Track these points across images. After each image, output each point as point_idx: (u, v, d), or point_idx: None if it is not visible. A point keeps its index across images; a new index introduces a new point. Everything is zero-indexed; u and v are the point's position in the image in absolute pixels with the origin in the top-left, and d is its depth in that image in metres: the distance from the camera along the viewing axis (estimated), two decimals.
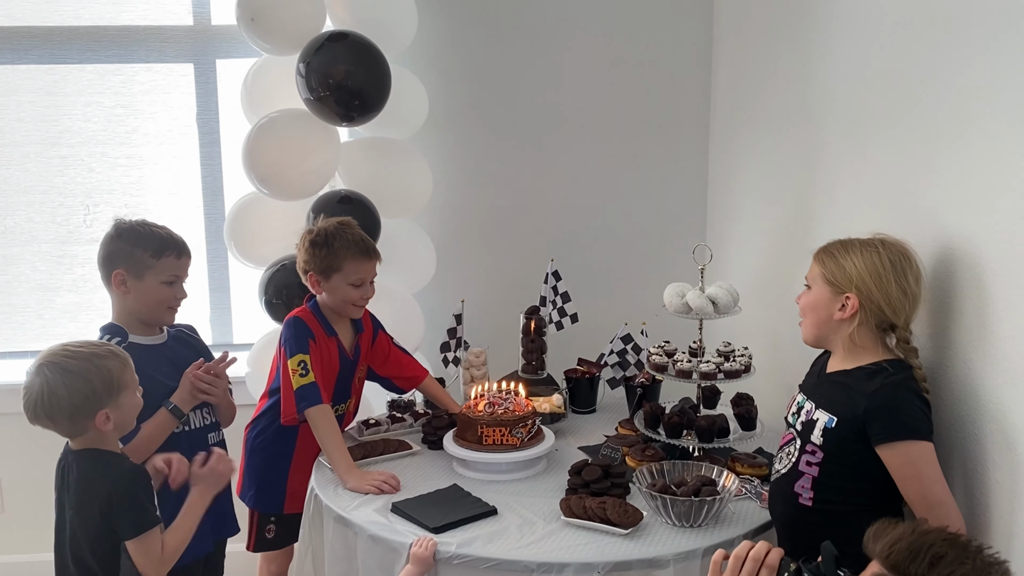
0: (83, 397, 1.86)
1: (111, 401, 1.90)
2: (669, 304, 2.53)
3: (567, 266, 3.16)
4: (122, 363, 1.93)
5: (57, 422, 1.88)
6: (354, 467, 2.43)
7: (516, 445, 2.44)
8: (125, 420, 1.96)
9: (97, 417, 1.88)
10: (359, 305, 2.64)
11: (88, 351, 1.90)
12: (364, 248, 2.58)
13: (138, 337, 2.37)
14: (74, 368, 1.86)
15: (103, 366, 1.88)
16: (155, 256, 2.34)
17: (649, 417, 2.55)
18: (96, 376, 1.87)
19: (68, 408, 1.85)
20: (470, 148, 3.50)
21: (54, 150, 3.45)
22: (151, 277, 2.34)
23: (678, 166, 3.55)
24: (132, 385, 1.95)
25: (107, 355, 1.91)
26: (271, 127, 2.95)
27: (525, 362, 3.05)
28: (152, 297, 2.35)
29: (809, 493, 1.96)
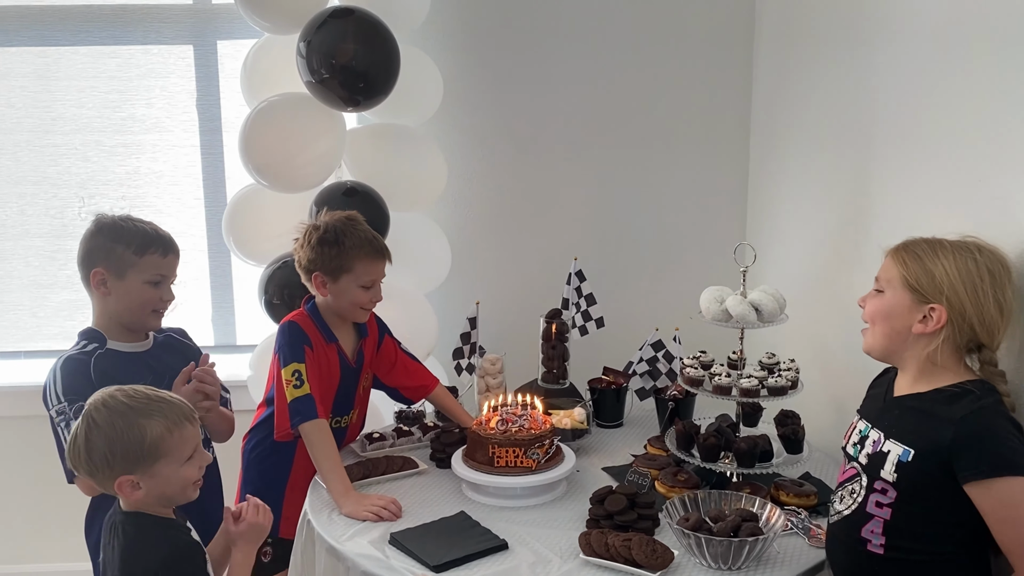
0: (101, 457, 1.60)
1: (140, 468, 1.61)
2: (706, 311, 2.25)
3: (592, 266, 2.90)
4: (170, 426, 1.62)
5: (81, 475, 1.66)
6: (351, 490, 2.19)
7: (531, 468, 2.18)
8: (165, 492, 1.65)
9: (119, 483, 1.61)
10: (367, 309, 2.40)
11: (130, 403, 1.62)
12: (377, 247, 2.36)
13: (119, 343, 2.17)
14: (103, 421, 1.60)
15: (138, 425, 1.59)
16: (138, 253, 2.12)
17: (682, 437, 2.28)
18: (120, 436, 1.59)
19: (86, 464, 1.62)
20: (488, 136, 3.24)
21: (47, 138, 3.26)
22: (133, 276, 2.13)
23: (716, 159, 3.28)
24: (179, 453, 1.63)
25: (153, 412, 1.61)
26: (270, 113, 2.72)
27: (545, 370, 2.80)
28: (135, 299, 2.14)
29: (880, 539, 1.68)
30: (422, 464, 2.41)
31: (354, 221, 2.36)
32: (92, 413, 1.62)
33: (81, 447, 1.61)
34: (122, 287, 2.12)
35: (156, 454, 1.61)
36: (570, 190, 3.28)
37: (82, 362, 2.07)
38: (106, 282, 2.11)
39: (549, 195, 3.28)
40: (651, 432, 2.67)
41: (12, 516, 3.35)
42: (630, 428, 2.73)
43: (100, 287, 2.12)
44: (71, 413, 1.98)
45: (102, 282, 2.11)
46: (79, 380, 2.03)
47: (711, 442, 2.19)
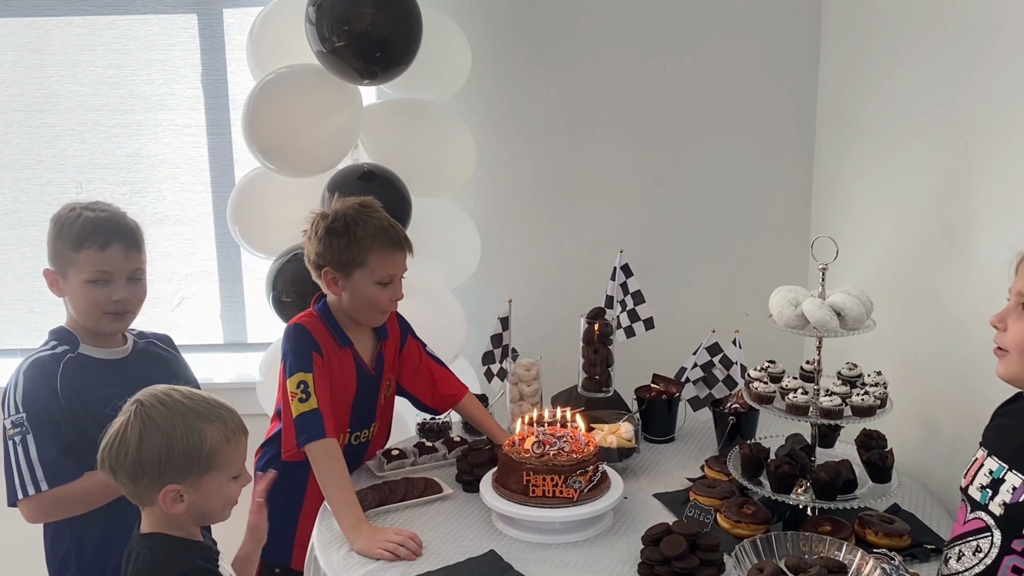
0: (154, 459, 1.42)
1: (190, 478, 1.44)
2: (778, 316, 1.91)
3: (640, 260, 2.57)
4: (227, 435, 1.47)
5: (119, 478, 1.44)
6: (363, 522, 1.90)
7: (572, 499, 1.87)
8: (206, 509, 1.49)
9: (164, 492, 1.43)
10: (386, 310, 2.11)
11: (190, 404, 1.46)
12: (394, 237, 2.06)
13: (92, 348, 1.91)
14: (159, 418, 1.43)
15: (197, 428, 1.44)
16: (74, 249, 1.86)
17: (748, 462, 1.95)
18: (180, 439, 1.43)
19: (132, 466, 1.42)
20: (523, 113, 2.93)
21: (40, 118, 3.02)
22: (74, 276, 1.88)
23: (779, 142, 2.95)
24: (229, 468, 1.49)
25: (213, 418, 1.47)
26: (276, 87, 2.43)
27: (587, 376, 2.49)
28: (79, 301, 1.89)
29: None
30: (446, 488, 2.12)
31: (368, 208, 2.08)
32: (149, 410, 1.43)
33: (132, 446, 1.41)
34: (68, 289, 1.89)
35: (211, 464, 1.46)
36: (616, 175, 2.97)
37: (49, 368, 1.83)
38: (57, 283, 1.90)
39: (592, 180, 2.97)
40: (707, 448, 2.37)
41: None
42: (683, 444, 2.42)
43: (54, 288, 1.91)
44: (27, 427, 1.76)
45: (53, 282, 1.90)
46: (42, 389, 1.80)
47: (784, 470, 1.87)
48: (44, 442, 1.75)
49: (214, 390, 2.97)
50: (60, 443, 1.77)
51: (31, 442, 1.75)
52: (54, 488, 1.75)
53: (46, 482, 1.75)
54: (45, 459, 1.74)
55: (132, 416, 1.43)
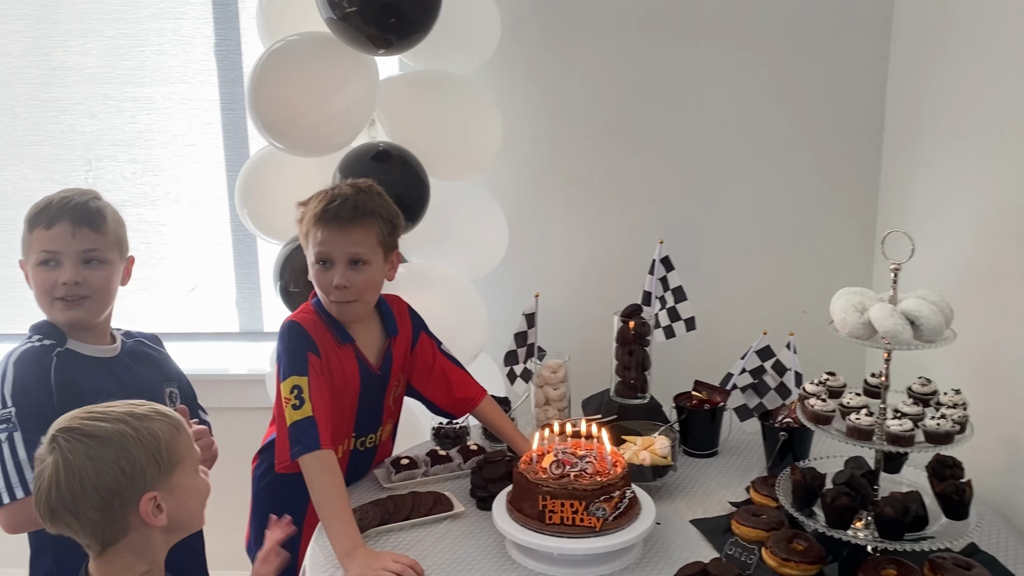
0: (118, 473, 1.27)
1: (161, 479, 1.31)
2: (840, 323, 1.65)
3: (682, 252, 2.33)
4: (173, 426, 1.36)
5: (81, 517, 1.27)
6: (359, 545, 1.70)
7: (594, 528, 1.63)
8: (184, 512, 1.36)
9: (144, 503, 1.29)
10: (334, 299, 1.89)
11: (122, 411, 1.33)
12: (329, 208, 1.84)
13: (78, 343, 1.77)
14: (104, 432, 1.28)
15: (147, 429, 1.31)
16: (28, 230, 1.78)
17: (800, 490, 1.69)
18: (135, 441, 1.29)
19: (95, 493, 1.26)
20: (557, 87, 2.69)
21: (48, 91, 2.89)
22: (28, 259, 1.79)
23: (843, 123, 2.66)
24: (190, 458, 1.37)
25: (149, 416, 1.34)
26: (283, 57, 2.23)
27: (620, 381, 2.26)
28: (35, 286, 1.79)
29: None
30: (458, 505, 1.90)
31: (351, 186, 1.89)
32: (85, 430, 1.28)
33: (85, 473, 1.25)
34: (28, 272, 1.79)
35: (173, 458, 1.33)
36: (658, 158, 2.71)
37: (41, 361, 1.69)
38: (28, 274, 1.79)
39: (631, 162, 2.72)
40: (754, 464, 2.12)
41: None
42: (727, 459, 2.17)
43: (28, 281, 1.80)
44: (15, 423, 1.63)
45: (26, 275, 1.79)
46: (34, 382, 1.67)
47: (842, 502, 1.61)
48: (34, 439, 1.58)
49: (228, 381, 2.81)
50: None
51: (18, 440, 1.62)
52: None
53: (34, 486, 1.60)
54: (32, 460, 1.59)
55: (64, 446, 1.26)
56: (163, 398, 1.86)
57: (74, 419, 1.30)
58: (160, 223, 2.92)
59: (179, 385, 1.93)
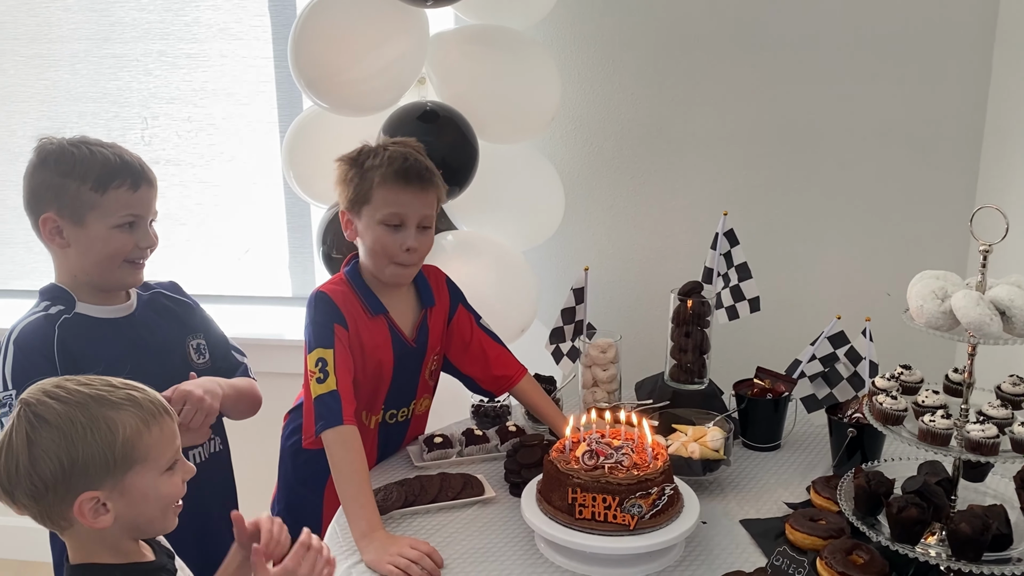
0: (55, 466, 1.14)
1: (109, 480, 1.17)
2: (917, 311, 1.45)
3: (749, 225, 2.17)
4: (144, 420, 1.20)
5: (17, 501, 1.16)
6: (377, 528, 1.61)
7: (629, 526, 1.49)
8: (141, 517, 1.21)
9: (79, 503, 1.15)
10: (399, 263, 1.79)
11: (90, 392, 1.19)
12: (402, 168, 1.74)
13: (90, 306, 1.67)
14: (51, 416, 1.15)
15: (103, 418, 1.17)
16: (99, 189, 1.60)
17: (864, 496, 1.52)
18: (83, 434, 1.15)
19: (29, 481, 1.14)
20: (620, 44, 2.53)
21: (106, 47, 2.87)
22: (96, 221, 1.61)
23: (942, 90, 2.41)
24: (158, 459, 1.21)
25: (120, 403, 1.19)
26: (325, 8, 2.13)
27: (675, 364, 2.10)
28: (101, 250, 1.63)
29: None
30: (489, 489, 1.79)
31: (397, 142, 1.81)
32: (37, 408, 1.15)
33: (21, 456, 1.13)
34: (83, 236, 1.61)
35: (131, 458, 1.18)
36: (724, 123, 2.53)
37: (44, 335, 1.60)
38: (61, 231, 1.62)
39: (697, 128, 2.54)
40: (820, 461, 1.94)
41: None
42: (790, 453, 1.99)
43: (55, 237, 1.63)
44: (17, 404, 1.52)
45: (56, 231, 1.62)
46: (36, 361, 1.57)
47: (911, 514, 1.43)
48: None
49: (280, 346, 2.73)
50: None
51: None
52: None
53: None
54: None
55: (17, 420, 1.15)
56: (186, 351, 1.78)
57: (40, 390, 1.18)
58: (214, 183, 2.88)
59: (206, 334, 1.83)
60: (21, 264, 3.07)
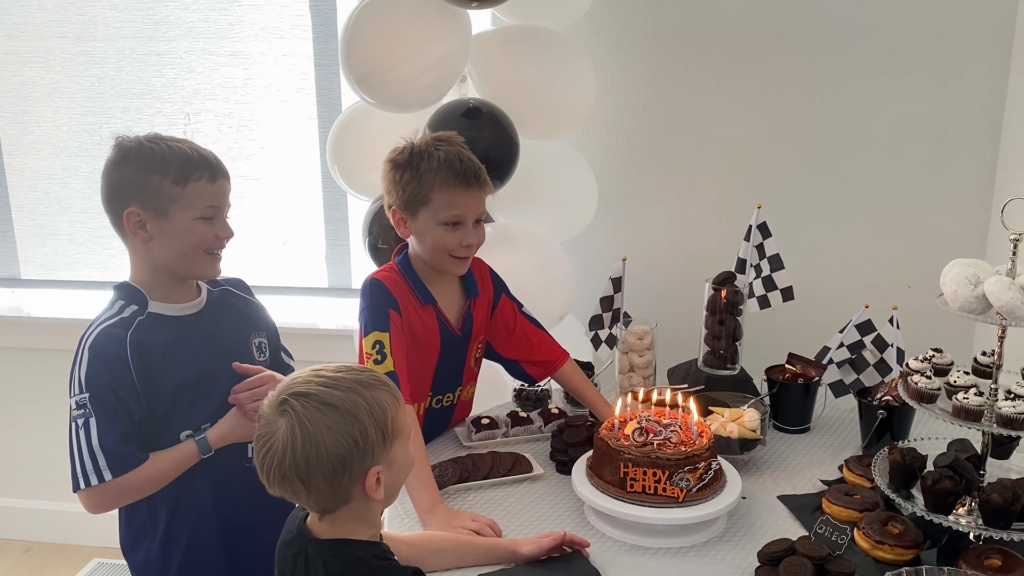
0: (352, 445, 1.22)
1: (385, 454, 1.26)
2: (951, 296, 1.54)
3: (781, 218, 2.24)
4: (394, 396, 1.29)
5: (312, 486, 1.23)
6: (439, 503, 1.69)
7: (677, 499, 1.58)
8: (395, 484, 1.32)
9: (368, 477, 1.24)
10: (458, 256, 1.87)
11: (353, 378, 1.27)
12: (460, 171, 1.80)
13: (163, 305, 1.71)
14: (340, 402, 1.23)
15: (376, 400, 1.25)
16: (180, 182, 1.64)
17: (898, 470, 1.61)
18: (368, 414, 1.23)
19: (330, 463, 1.21)
20: (653, 45, 2.60)
21: (151, 45, 2.94)
22: (179, 213, 1.65)
23: (962, 80, 2.48)
24: (405, 431, 1.31)
25: (375, 384, 1.28)
26: (376, 10, 2.21)
27: (709, 350, 2.19)
28: (184, 240, 1.67)
29: None
30: (537, 467, 1.88)
31: (442, 141, 1.84)
32: (319, 397, 1.22)
33: (321, 441, 1.20)
34: (166, 228, 1.65)
35: (394, 431, 1.27)
36: (756, 118, 2.60)
37: (117, 339, 1.63)
38: (145, 224, 1.65)
39: (729, 124, 2.62)
40: (848, 444, 2.03)
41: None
42: (820, 436, 2.07)
43: (138, 231, 1.66)
44: (90, 409, 1.59)
45: (140, 224, 1.65)
46: (111, 365, 1.61)
47: (944, 486, 1.52)
48: (107, 426, 1.60)
49: (316, 336, 2.82)
50: (125, 425, 1.61)
51: (93, 426, 1.59)
52: (117, 478, 1.59)
53: (109, 471, 1.59)
54: (107, 446, 1.59)
55: (302, 412, 1.21)
56: (250, 348, 1.82)
57: (307, 383, 1.24)
58: (254, 177, 2.96)
59: (267, 333, 1.88)
60: (64, 255, 3.15)
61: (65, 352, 2.97)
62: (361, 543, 1.26)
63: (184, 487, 1.70)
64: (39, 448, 3.19)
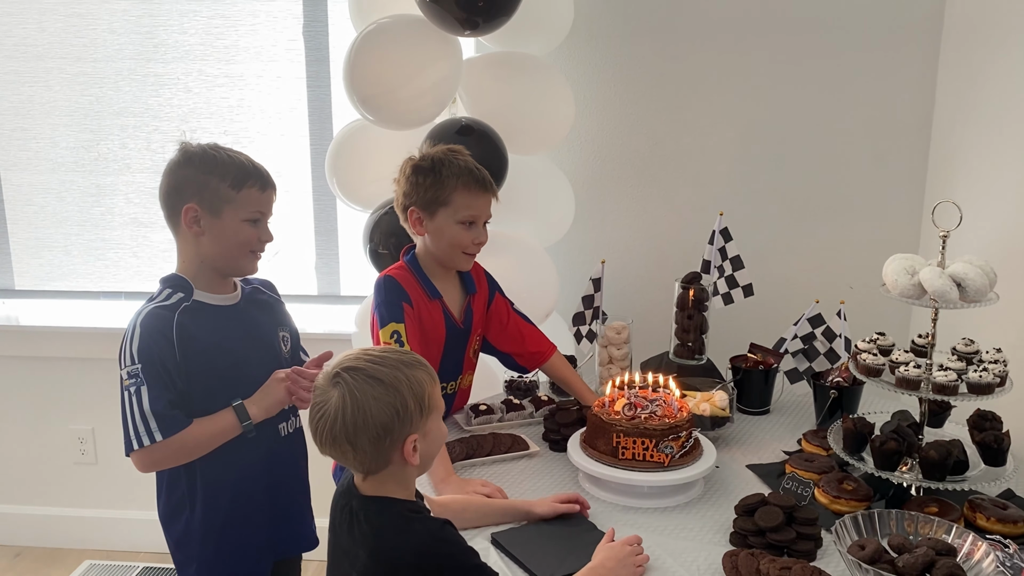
0: (394, 413, 1.40)
1: (422, 424, 1.44)
2: (892, 284, 1.81)
3: (740, 223, 2.50)
4: (431, 376, 1.48)
5: (358, 448, 1.41)
6: (452, 473, 1.90)
7: (663, 463, 1.82)
8: (430, 453, 1.50)
9: (407, 444, 1.42)
10: (470, 253, 2.09)
11: (396, 358, 1.46)
12: (478, 177, 2.04)
13: (206, 295, 1.88)
14: (385, 376, 1.41)
15: (415, 377, 1.44)
16: (235, 187, 1.83)
17: (851, 436, 1.86)
18: (408, 388, 1.42)
19: (375, 428, 1.39)
20: (624, 68, 2.84)
21: (148, 67, 3.07)
22: (230, 214, 1.84)
23: (894, 103, 2.77)
24: (440, 408, 1.50)
25: (415, 364, 1.47)
26: (378, 36, 2.40)
27: (679, 343, 2.42)
28: (231, 239, 1.86)
29: None
30: (533, 445, 2.09)
31: (456, 151, 2.07)
32: (368, 371, 1.41)
33: (368, 409, 1.38)
34: (217, 226, 1.84)
35: (431, 406, 1.45)
36: (717, 134, 2.85)
37: (165, 319, 1.81)
38: (199, 220, 1.83)
39: (692, 140, 2.86)
40: (804, 422, 2.28)
41: (115, 465, 3.26)
42: (779, 417, 2.33)
43: (193, 226, 1.84)
44: (142, 378, 1.76)
45: (195, 220, 1.83)
46: (159, 341, 1.78)
47: (890, 446, 1.78)
48: (157, 393, 1.76)
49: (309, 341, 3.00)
50: (172, 393, 1.77)
51: (144, 393, 1.75)
52: (167, 439, 1.75)
53: (160, 432, 1.75)
54: (157, 410, 1.75)
55: (352, 383, 1.40)
56: (277, 342, 1.99)
57: (357, 359, 1.42)
58: None
59: (290, 330, 2.05)
60: (59, 267, 3.26)
61: (58, 360, 3.12)
62: (398, 500, 1.45)
63: (224, 459, 1.85)
64: (31, 454, 3.28)
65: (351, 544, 1.45)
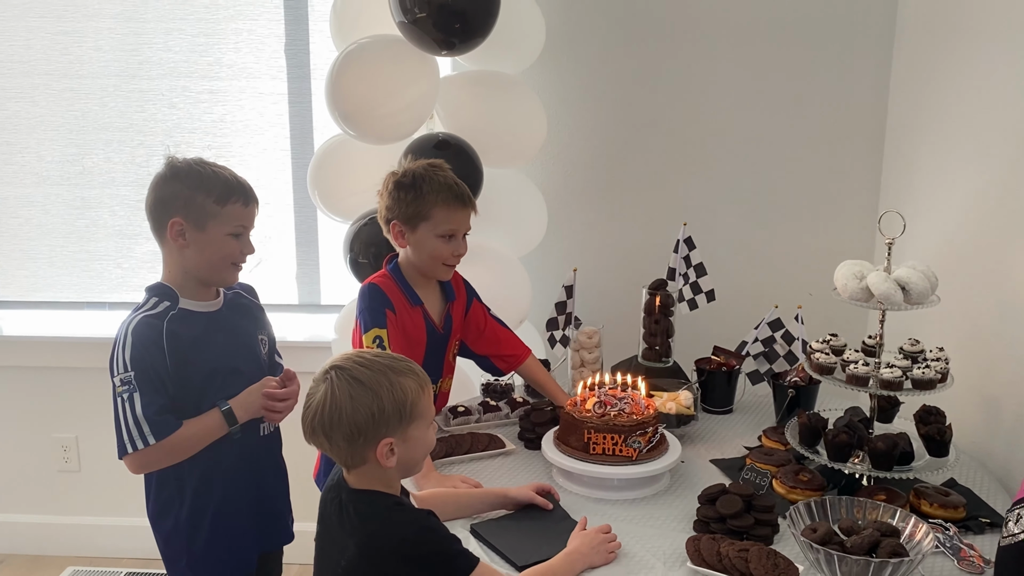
0: (368, 415, 1.48)
1: (400, 430, 1.51)
2: (842, 288, 1.94)
3: (703, 233, 2.61)
4: (421, 385, 1.54)
5: (333, 442, 1.51)
6: (432, 470, 2.00)
7: (631, 457, 1.93)
8: (411, 459, 1.56)
9: (380, 446, 1.49)
10: (449, 264, 2.20)
11: (385, 363, 1.53)
12: (458, 193, 2.14)
13: (191, 302, 1.96)
14: (365, 379, 1.49)
15: (399, 384, 1.51)
16: (219, 202, 1.92)
17: (806, 431, 1.99)
18: (388, 393, 1.49)
19: (348, 426, 1.48)
20: (592, 87, 2.98)
21: (133, 83, 3.15)
22: (215, 227, 1.92)
23: (849, 119, 2.93)
24: (428, 417, 1.56)
25: (406, 372, 1.53)
26: (358, 56, 2.51)
27: (647, 347, 2.54)
28: (216, 251, 1.94)
29: None
30: (509, 444, 2.20)
31: (436, 167, 2.16)
32: (352, 373, 1.49)
33: (344, 408, 1.47)
34: (202, 239, 1.92)
35: (414, 414, 1.52)
36: (680, 148, 2.99)
37: (155, 327, 1.89)
38: (184, 233, 1.92)
39: (658, 153, 3.00)
40: (764, 421, 2.40)
41: (97, 472, 3.30)
42: (741, 415, 2.46)
43: (178, 238, 1.92)
44: (134, 385, 1.84)
45: (180, 233, 1.92)
46: (150, 349, 1.87)
47: (842, 439, 1.91)
48: (149, 399, 1.83)
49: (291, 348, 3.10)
50: (163, 398, 1.85)
51: (137, 399, 1.82)
52: (159, 442, 1.83)
53: (152, 436, 1.83)
54: (149, 415, 1.83)
55: (335, 381, 1.48)
56: (257, 346, 2.07)
57: (348, 359, 1.51)
58: None
59: (267, 335, 2.13)
60: (43, 278, 3.32)
61: (42, 369, 3.17)
62: (383, 494, 1.54)
63: (210, 458, 1.94)
64: (15, 462, 3.33)
65: (340, 534, 1.54)
